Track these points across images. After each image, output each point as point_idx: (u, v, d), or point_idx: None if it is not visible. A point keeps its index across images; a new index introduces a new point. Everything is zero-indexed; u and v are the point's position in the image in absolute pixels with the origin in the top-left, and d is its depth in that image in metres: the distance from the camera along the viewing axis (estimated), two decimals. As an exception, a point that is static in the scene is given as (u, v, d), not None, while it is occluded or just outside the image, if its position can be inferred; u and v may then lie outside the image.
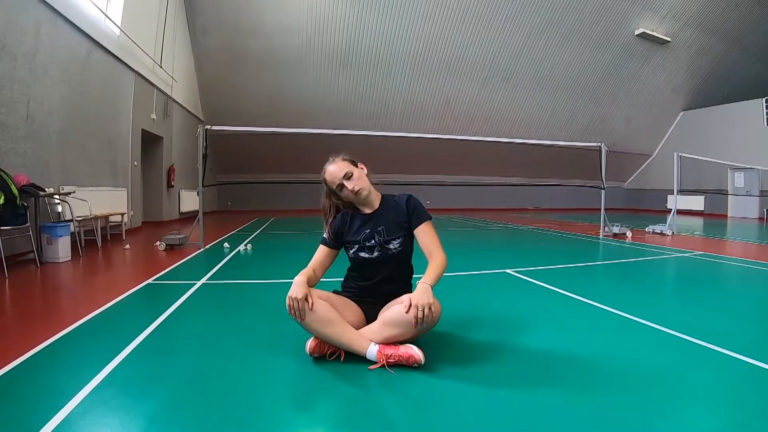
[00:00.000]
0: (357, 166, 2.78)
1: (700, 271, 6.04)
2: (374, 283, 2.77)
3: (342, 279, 2.96)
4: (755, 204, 18.12)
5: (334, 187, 2.72)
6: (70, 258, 6.18)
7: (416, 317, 2.32)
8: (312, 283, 2.62)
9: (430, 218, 2.76)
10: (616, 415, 1.96)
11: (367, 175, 2.80)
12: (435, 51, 17.25)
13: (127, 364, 2.49)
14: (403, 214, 2.73)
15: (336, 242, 2.78)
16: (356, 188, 2.67)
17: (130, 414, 1.93)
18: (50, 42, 6.93)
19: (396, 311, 2.46)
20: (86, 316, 3.41)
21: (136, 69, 10.33)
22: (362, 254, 2.72)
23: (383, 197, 2.84)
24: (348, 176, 2.68)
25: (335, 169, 2.71)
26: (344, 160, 2.76)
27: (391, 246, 2.70)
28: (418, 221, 2.72)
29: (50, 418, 1.85)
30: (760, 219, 17.34)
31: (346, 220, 2.79)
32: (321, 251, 2.77)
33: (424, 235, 2.71)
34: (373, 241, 2.70)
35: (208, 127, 8.03)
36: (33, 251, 5.76)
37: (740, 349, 2.76)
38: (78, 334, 3.02)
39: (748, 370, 2.49)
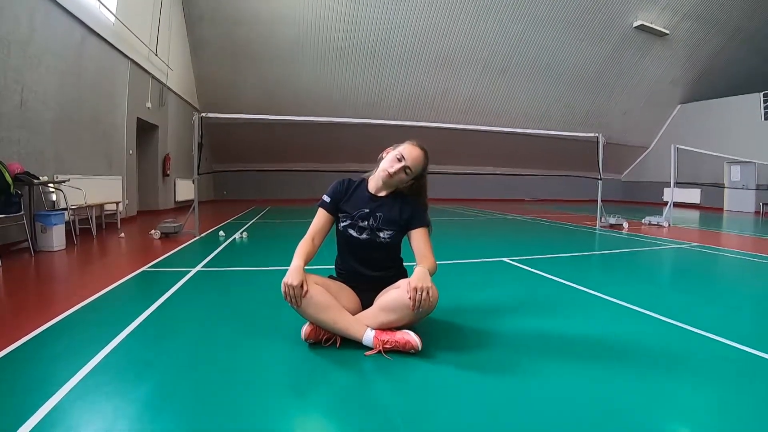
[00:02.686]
0: (419, 174, 2.73)
1: (695, 262, 6.06)
2: (358, 263, 2.76)
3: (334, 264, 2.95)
4: (751, 197, 18.13)
5: (399, 154, 2.64)
6: (64, 247, 6.14)
7: (415, 299, 2.31)
8: (311, 254, 2.62)
9: (429, 226, 2.75)
10: (612, 402, 1.96)
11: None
12: (432, 41, 17.17)
13: (121, 350, 2.47)
14: (404, 212, 2.70)
15: (334, 207, 2.74)
16: (394, 174, 2.64)
17: (123, 400, 1.91)
18: (44, 30, 6.84)
19: (393, 296, 2.45)
20: (80, 303, 3.38)
21: (131, 57, 10.23)
22: (351, 231, 2.70)
23: (396, 191, 2.78)
24: (406, 168, 2.63)
25: (413, 153, 2.65)
26: (425, 159, 2.71)
27: (381, 234, 2.68)
28: (417, 224, 2.70)
29: (43, 403, 1.84)
30: (756, 213, 17.38)
31: (350, 188, 2.77)
32: (320, 217, 2.73)
33: (419, 238, 2.68)
34: (366, 223, 2.68)
35: (203, 115, 7.98)
36: (27, 240, 5.72)
37: (735, 337, 2.77)
38: (72, 321, 2.99)
39: (743, 358, 2.50)
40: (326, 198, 2.75)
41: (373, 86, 18.22)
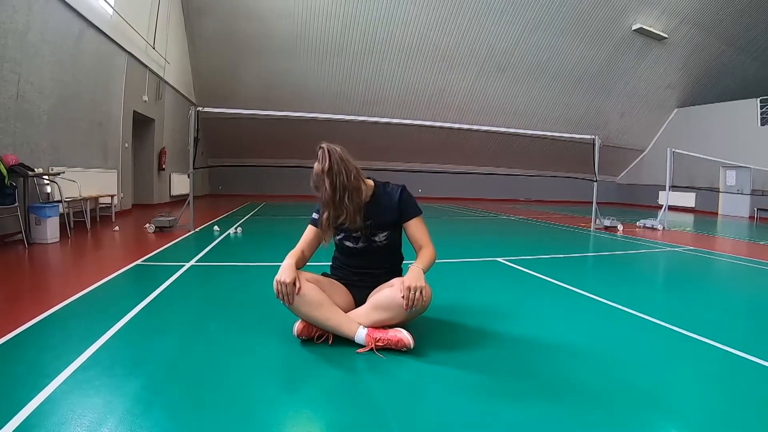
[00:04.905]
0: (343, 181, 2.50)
1: (689, 266, 6.08)
2: (360, 268, 2.76)
3: (330, 262, 2.94)
4: (746, 202, 18.20)
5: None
6: (58, 239, 6.11)
7: (408, 299, 2.32)
8: (300, 264, 2.60)
9: (421, 213, 2.73)
10: (601, 403, 1.97)
11: (357, 173, 2.57)
12: (430, 40, 17.16)
13: (113, 344, 2.47)
14: (393, 208, 2.68)
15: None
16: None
17: (114, 394, 1.91)
18: (42, 20, 6.81)
19: (386, 295, 2.45)
20: (73, 296, 3.38)
21: (128, 50, 10.19)
22: (347, 243, 2.71)
23: (376, 187, 2.72)
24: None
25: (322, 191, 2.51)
26: (325, 175, 2.48)
27: (377, 239, 2.67)
28: (409, 216, 2.69)
29: (34, 396, 1.83)
30: (751, 218, 17.42)
31: None
32: (309, 232, 2.73)
33: (414, 230, 2.68)
34: (359, 233, 2.67)
35: (200, 109, 7.96)
36: (21, 232, 5.69)
37: (725, 340, 2.79)
38: (64, 314, 2.99)
39: (735, 362, 2.52)
40: (315, 215, 2.71)
41: (370, 83, 18.20)
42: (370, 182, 2.72)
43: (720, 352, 2.65)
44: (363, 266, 2.76)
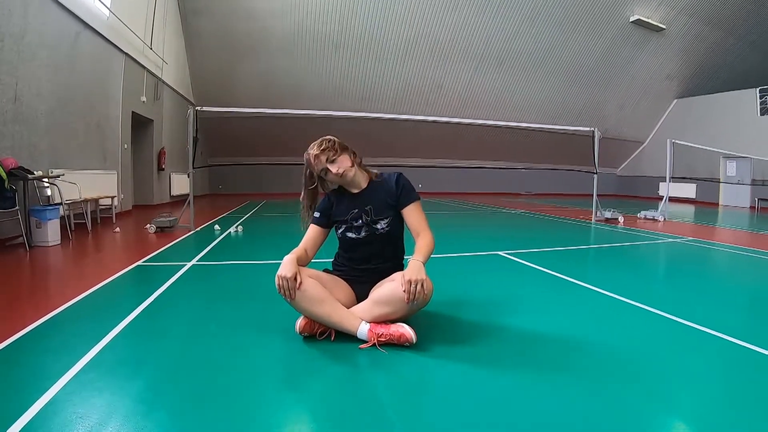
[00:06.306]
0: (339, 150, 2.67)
1: (690, 256, 6.07)
2: (363, 262, 2.76)
3: (332, 258, 2.94)
4: (747, 193, 18.18)
5: (319, 171, 2.63)
6: (59, 241, 6.10)
7: (409, 292, 2.32)
8: (303, 262, 2.61)
9: (419, 198, 2.73)
10: (604, 396, 1.97)
11: (352, 155, 2.70)
12: (427, 34, 17.12)
13: (115, 345, 2.46)
14: (391, 194, 2.69)
15: (325, 221, 2.75)
16: (340, 170, 2.60)
17: (116, 395, 1.91)
18: (38, 23, 6.79)
19: (387, 289, 2.45)
20: (74, 298, 3.37)
21: (125, 51, 10.18)
22: (349, 234, 2.70)
23: (372, 176, 2.79)
24: (331, 160, 2.60)
25: (319, 153, 2.61)
26: (325, 147, 2.65)
27: (379, 226, 2.67)
28: (407, 201, 2.68)
29: (36, 399, 1.83)
30: (752, 208, 17.41)
31: (332, 200, 2.75)
32: (312, 230, 2.74)
33: (412, 216, 2.68)
34: (360, 221, 2.67)
35: (198, 108, 7.95)
36: (22, 235, 5.68)
37: (729, 331, 2.78)
38: (66, 317, 2.98)
39: (736, 351, 2.52)
40: (316, 214, 2.76)
41: (367, 79, 18.17)
42: (364, 173, 2.78)
43: (723, 342, 2.65)
44: (365, 259, 2.76)
